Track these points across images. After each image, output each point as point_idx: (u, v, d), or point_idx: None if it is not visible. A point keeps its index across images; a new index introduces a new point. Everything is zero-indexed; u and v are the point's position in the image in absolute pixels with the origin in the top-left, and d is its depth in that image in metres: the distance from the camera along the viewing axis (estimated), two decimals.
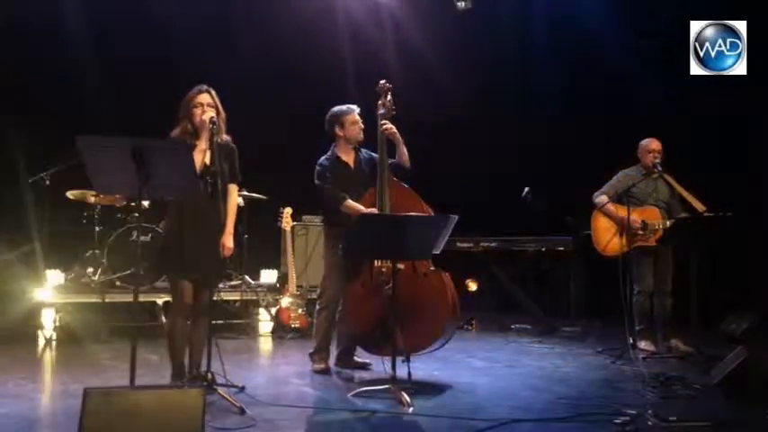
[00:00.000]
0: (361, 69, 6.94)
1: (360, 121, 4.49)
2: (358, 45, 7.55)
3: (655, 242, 5.16)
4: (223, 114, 3.79)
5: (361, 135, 4.51)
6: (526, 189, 6.23)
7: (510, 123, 7.68)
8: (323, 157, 4.54)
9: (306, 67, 7.37)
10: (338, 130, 4.51)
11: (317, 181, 4.47)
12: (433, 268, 4.27)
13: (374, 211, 4.27)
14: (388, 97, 4.45)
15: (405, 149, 4.45)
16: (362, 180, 4.49)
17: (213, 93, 3.80)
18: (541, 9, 7.57)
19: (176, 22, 6.91)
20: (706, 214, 4.95)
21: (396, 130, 4.40)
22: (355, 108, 4.50)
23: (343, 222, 4.33)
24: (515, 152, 7.59)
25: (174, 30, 6.92)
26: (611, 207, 5.31)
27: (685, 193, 5.17)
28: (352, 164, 4.54)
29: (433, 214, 4.24)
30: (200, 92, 3.78)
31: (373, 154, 4.55)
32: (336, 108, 4.52)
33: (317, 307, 4.60)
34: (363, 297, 4.23)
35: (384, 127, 4.38)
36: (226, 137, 3.85)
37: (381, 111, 4.44)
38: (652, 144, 5.35)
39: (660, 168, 5.25)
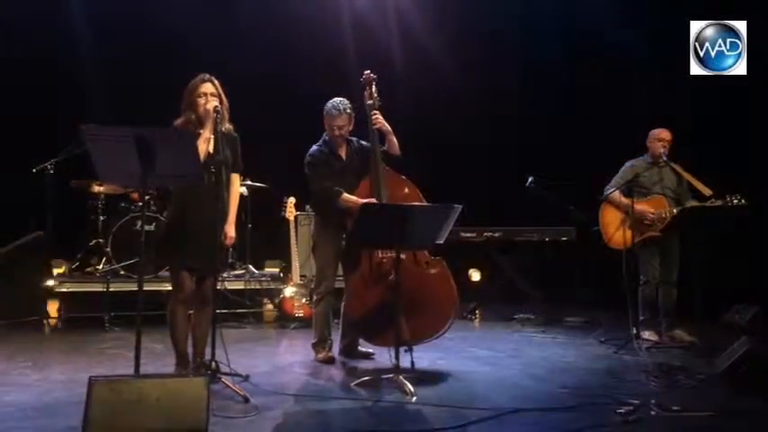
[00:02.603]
0: (364, 59, 6.91)
1: (338, 126, 4.38)
2: (362, 34, 7.53)
3: (660, 232, 5.17)
4: (226, 103, 3.79)
5: (339, 139, 4.43)
6: (530, 178, 6.22)
7: (511, 119, 7.66)
8: (314, 147, 4.50)
9: (308, 55, 7.35)
10: (325, 124, 4.50)
11: (308, 171, 4.45)
12: (433, 258, 4.27)
13: (374, 201, 4.26)
14: (373, 88, 4.44)
15: (394, 139, 4.44)
16: (355, 171, 4.48)
17: (216, 81, 3.79)
18: (542, 7, 7.53)
19: (179, 10, 6.90)
20: (714, 203, 4.95)
21: (385, 122, 4.40)
22: (340, 113, 4.37)
23: (335, 213, 4.33)
24: (518, 145, 7.58)
25: (176, 18, 6.90)
26: (618, 198, 5.32)
27: (692, 179, 5.19)
28: (344, 155, 4.51)
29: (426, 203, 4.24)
30: (203, 81, 3.77)
31: (363, 143, 4.54)
32: (329, 103, 4.45)
33: (314, 298, 4.61)
34: (365, 288, 4.22)
35: (374, 119, 4.38)
36: (229, 125, 3.85)
37: (369, 102, 4.43)
38: (662, 133, 5.36)
39: (665, 158, 5.25)
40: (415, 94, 7.64)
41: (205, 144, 3.64)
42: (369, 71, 4.49)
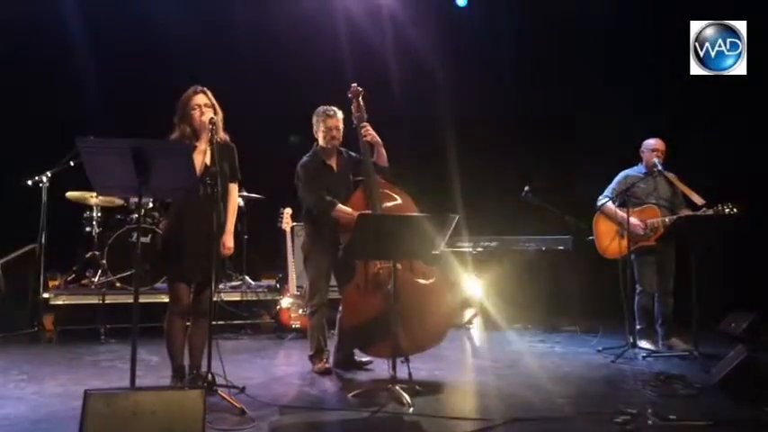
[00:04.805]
0: (361, 68, 6.94)
1: (335, 127, 4.43)
2: (357, 44, 7.55)
3: (654, 241, 5.18)
4: (220, 113, 3.79)
5: (335, 141, 4.47)
6: (526, 188, 6.23)
7: (510, 123, 7.68)
8: (305, 158, 4.51)
9: (305, 65, 7.37)
10: (315, 133, 4.51)
11: (300, 182, 4.46)
12: (431, 267, 4.28)
13: (369, 212, 4.25)
14: (361, 101, 4.47)
15: (383, 150, 4.48)
16: (346, 182, 4.50)
17: (208, 92, 3.79)
18: (540, 8, 7.56)
19: (174, 22, 6.91)
20: (706, 212, 4.97)
21: (376, 135, 4.43)
22: (334, 114, 4.43)
23: (328, 224, 4.33)
24: (515, 151, 7.59)
25: (173, 29, 6.92)
26: (613, 210, 5.34)
27: (685, 189, 5.21)
28: (335, 166, 4.52)
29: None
30: (196, 93, 3.77)
31: (353, 154, 4.57)
32: (320, 108, 4.49)
33: (309, 310, 4.58)
34: (361, 298, 4.21)
35: (365, 131, 4.41)
36: (225, 136, 3.85)
37: (357, 114, 4.46)
38: (656, 144, 5.39)
39: (660, 167, 5.28)
40: (411, 104, 7.65)
41: (201, 156, 3.64)
42: (355, 84, 4.51)
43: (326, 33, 7.48)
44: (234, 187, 3.92)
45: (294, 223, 5.96)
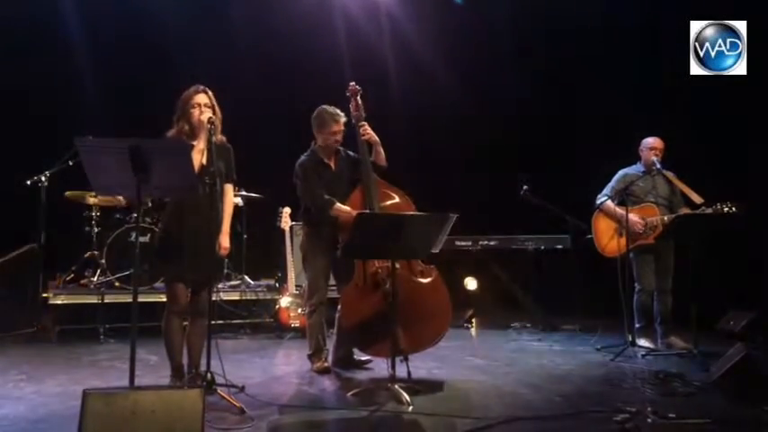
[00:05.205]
0: (360, 67, 6.94)
1: (340, 131, 4.44)
2: (356, 43, 7.56)
3: (653, 240, 5.19)
4: (219, 114, 3.78)
5: (337, 144, 4.48)
6: (524, 187, 6.24)
7: (510, 122, 7.68)
8: (303, 157, 4.51)
9: (304, 65, 7.37)
10: (316, 133, 4.51)
11: (298, 181, 4.46)
12: (429, 266, 4.28)
13: (368, 212, 4.25)
14: (359, 100, 4.47)
15: (381, 149, 4.49)
16: (345, 181, 4.50)
17: (209, 92, 3.79)
18: (539, 8, 7.56)
19: (174, 21, 6.92)
20: (705, 211, 4.97)
21: (374, 134, 4.44)
22: (340, 117, 4.44)
23: (326, 223, 4.34)
24: (515, 150, 7.59)
25: (172, 29, 6.93)
26: (612, 208, 5.34)
27: (683, 187, 5.21)
28: (333, 165, 4.52)
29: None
30: (198, 92, 3.77)
31: (351, 153, 4.57)
32: (323, 109, 4.48)
33: (308, 309, 4.58)
34: (360, 298, 4.21)
35: (363, 130, 4.42)
36: (222, 137, 3.85)
37: (355, 113, 4.46)
38: (655, 142, 5.40)
39: (659, 166, 5.28)
40: (410, 103, 7.66)
41: (199, 155, 3.64)
42: (354, 83, 4.51)
43: (326, 31, 7.49)
44: (229, 188, 3.92)
45: (293, 222, 5.95)
